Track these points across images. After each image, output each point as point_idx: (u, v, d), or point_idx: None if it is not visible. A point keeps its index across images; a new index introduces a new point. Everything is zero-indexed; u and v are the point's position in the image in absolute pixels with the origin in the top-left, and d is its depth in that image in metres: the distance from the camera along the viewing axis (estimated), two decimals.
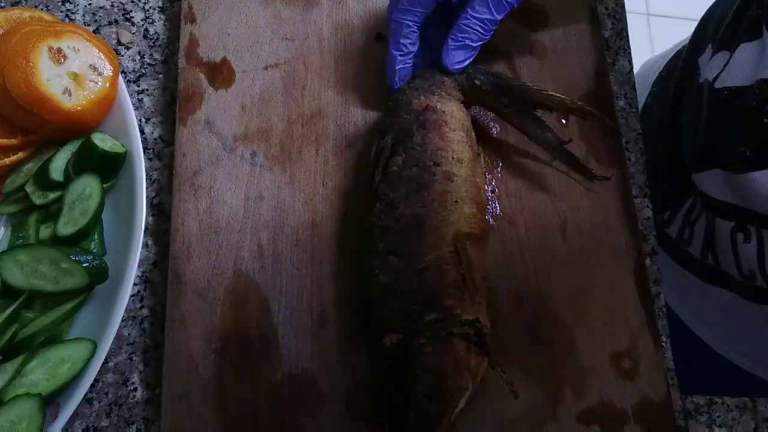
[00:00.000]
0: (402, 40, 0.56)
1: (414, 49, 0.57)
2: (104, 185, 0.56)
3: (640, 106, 0.75)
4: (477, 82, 0.57)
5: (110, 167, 0.56)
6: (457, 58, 0.57)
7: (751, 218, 0.59)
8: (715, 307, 0.70)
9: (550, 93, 0.57)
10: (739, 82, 0.58)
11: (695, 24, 0.76)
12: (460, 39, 0.56)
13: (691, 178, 0.65)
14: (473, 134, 0.57)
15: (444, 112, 0.55)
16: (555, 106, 0.57)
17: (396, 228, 0.51)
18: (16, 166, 0.58)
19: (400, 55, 0.57)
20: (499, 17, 0.55)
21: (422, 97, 0.56)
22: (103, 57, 0.58)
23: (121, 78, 0.58)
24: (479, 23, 0.55)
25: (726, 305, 0.69)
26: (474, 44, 0.56)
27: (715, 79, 0.61)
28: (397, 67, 0.57)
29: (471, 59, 0.57)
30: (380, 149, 0.55)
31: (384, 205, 0.52)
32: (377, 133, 0.57)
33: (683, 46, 0.77)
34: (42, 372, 0.50)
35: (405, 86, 0.58)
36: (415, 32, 0.56)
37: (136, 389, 0.55)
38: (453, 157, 0.53)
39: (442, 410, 0.47)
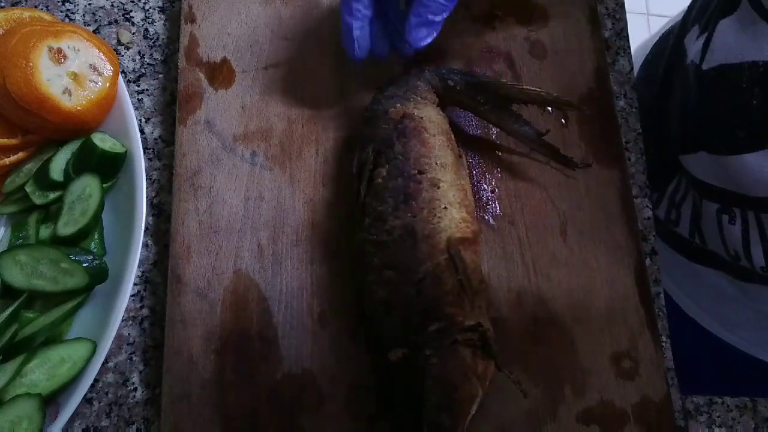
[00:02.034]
0: (354, 4, 0.53)
1: (368, 12, 0.54)
2: (104, 185, 0.56)
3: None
4: (450, 83, 0.57)
5: (110, 167, 0.56)
6: (420, 35, 0.53)
7: (737, 200, 0.59)
8: (705, 287, 0.71)
9: (525, 87, 0.58)
10: (723, 59, 0.57)
11: None
12: (422, 14, 0.53)
13: (679, 160, 0.65)
14: (453, 137, 0.57)
15: (422, 118, 0.55)
16: (530, 99, 0.58)
17: (388, 241, 0.51)
18: (16, 166, 0.58)
19: (355, 21, 0.53)
20: None
21: (398, 105, 0.56)
22: (103, 57, 0.58)
23: (121, 78, 0.58)
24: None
25: (715, 285, 0.69)
26: (437, 18, 0.53)
27: (701, 61, 0.60)
28: (355, 35, 0.54)
29: (434, 35, 0.54)
30: (362, 162, 0.55)
31: (373, 219, 0.52)
32: (357, 145, 0.57)
33: (669, 28, 0.76)
34: (42, 372, 0.50)
35: (379, 95, 0.58)
36: None
37: (136, 389, 0.55)
38: (436, 163, 0.53)
39: (455, 420, 0.46)
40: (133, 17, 0.66)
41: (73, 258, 0.52)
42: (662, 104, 0.71)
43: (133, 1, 0.66)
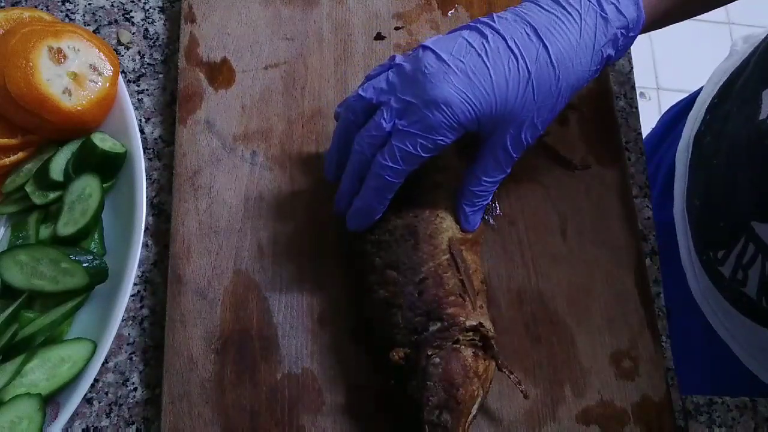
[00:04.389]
0: (388, 195, 0.51)
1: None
2: (104, 185, 0.56)
3: (693, 132, 0.71)
4: None
5: (110, 167, 0.56)
6: (477, 220, 0.54)
7: None
8: None
9: None
10: None
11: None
12: (477, 203, 0.53)
13: (751, 225, 0.59)
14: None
15: None
16: None
17: (390, 241, 0.51)
18: (16, 166, 0.58)
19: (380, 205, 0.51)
20: (509, 170, 0.52)
21: None
22: (103, 57, 0.58)
23: (121, 78, 0.58)
24: (493, 184, 0.52)
25: None
26: (488, 201, 0.54)
27: None
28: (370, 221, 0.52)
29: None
30: None
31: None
32: None
33: (733, 71, 0.70)
34: (42, 372, 0.50)
35: None
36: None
37: (136, 389, 0.55)
38: (439, 165, 0.53)
39: (456, 420, 0.46)
40: (133, 17, 0.66)
41: (73, 258, 0.52)
42: (731, 158, 0.63)
43: (133, 1, 0.66)
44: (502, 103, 0.48)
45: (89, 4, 0.65)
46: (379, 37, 0.64)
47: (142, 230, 0.54)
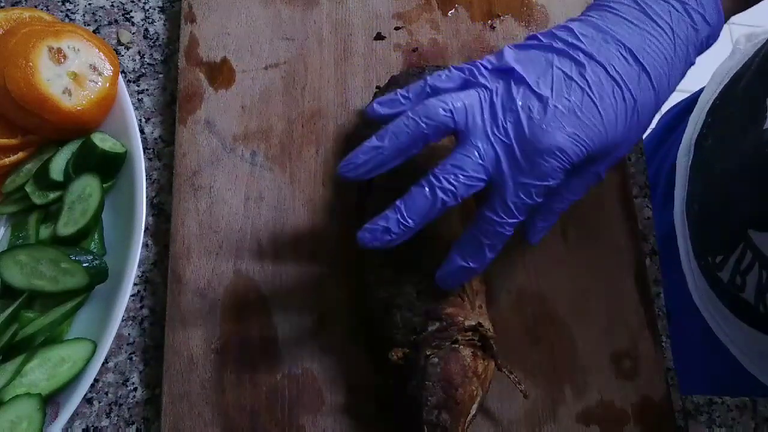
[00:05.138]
0: (500, 247, 0.47)
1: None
2: (104, 185, 0.56)
3: (695, 135, 0.71)
4: None
5: (110, 167, 0.56)
6: (541, 235, 0.51)
7: None
8: None
9: None
10: None
11: None
12: (551, 220, 0.51)
13: (748, 234, 0.58)
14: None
15: None
16: None
17: None
18: (16, 166, 0.58)
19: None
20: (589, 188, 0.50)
21: None
22: (103, 57, 0.58)
23: (121, 78, 0.58)
24: (570, 202, 0.50)
25: None
26: (556, 219, 0.51)
27: None
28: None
29: None
30: None
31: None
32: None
33: (736, 71, 0.69)
34: (42, 372, 0.50)
35: (380, 95, 0.57)
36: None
37: (136, 389, 0.55)
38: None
39: (455, 420, 0.46)
40: (133, 17, 0.66)
41: (73, 258, 0.52)
42: (731, 165, 0.62)
43: (133, 1, 0.66)
44: (612, 136, 0.46)
45: (89, 4, 0.65)
46: (379, 37, 0.64)
47: (142, 230, 0.54)
